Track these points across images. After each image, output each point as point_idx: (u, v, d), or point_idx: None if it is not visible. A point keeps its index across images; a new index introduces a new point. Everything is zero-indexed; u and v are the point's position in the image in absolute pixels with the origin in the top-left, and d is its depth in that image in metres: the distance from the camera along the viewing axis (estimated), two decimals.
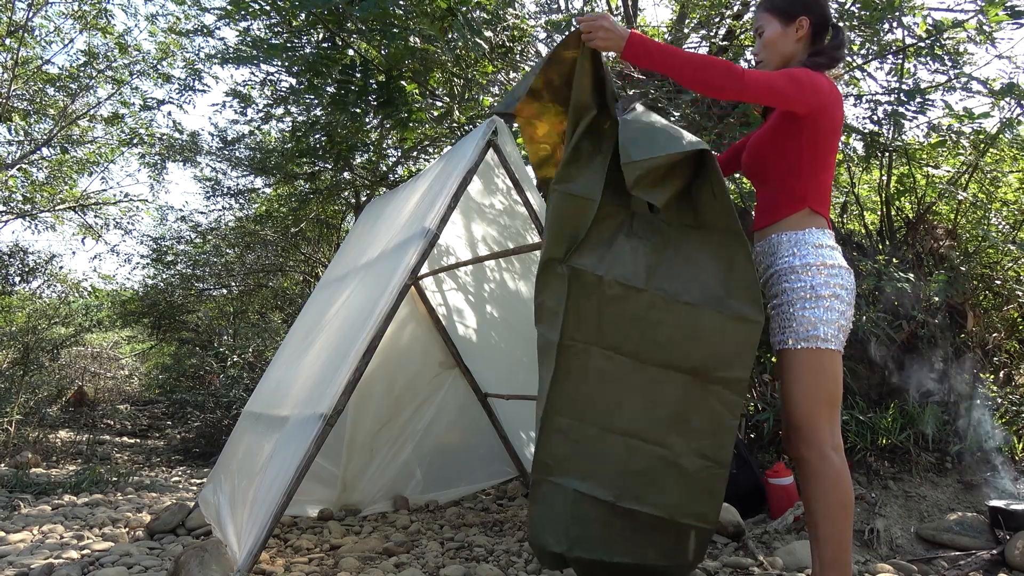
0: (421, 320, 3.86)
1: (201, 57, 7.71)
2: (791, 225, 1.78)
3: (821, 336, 1.68)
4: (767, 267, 1.84)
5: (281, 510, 2.18)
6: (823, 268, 1.71)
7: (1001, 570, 2.47)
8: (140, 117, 8.63)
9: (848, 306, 1.74)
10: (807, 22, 1.83)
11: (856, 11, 3.75)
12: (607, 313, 1.79)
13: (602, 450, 1.82)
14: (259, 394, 3.48)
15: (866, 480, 3.22)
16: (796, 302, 1.71)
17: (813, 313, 1.68)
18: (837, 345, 1.71)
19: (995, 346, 4.17)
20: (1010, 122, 4.04)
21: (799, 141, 1.75)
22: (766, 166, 1.85)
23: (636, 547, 1.82)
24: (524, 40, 4.44)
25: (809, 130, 1.74)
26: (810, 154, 1.76)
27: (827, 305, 1.68)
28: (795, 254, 1.74)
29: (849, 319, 1.75)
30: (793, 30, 1.85)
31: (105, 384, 9.75)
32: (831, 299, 1.69)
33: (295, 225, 8.41)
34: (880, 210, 4.68)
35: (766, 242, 1.84)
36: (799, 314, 1.70)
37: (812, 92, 1.69)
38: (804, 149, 1.75)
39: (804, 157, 1.76)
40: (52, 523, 3.31)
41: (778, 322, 1.78)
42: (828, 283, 1.70)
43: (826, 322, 1.68)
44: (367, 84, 4.11)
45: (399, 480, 3.81)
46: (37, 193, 8.48)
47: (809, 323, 1.69)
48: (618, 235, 1.84)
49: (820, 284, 1.69)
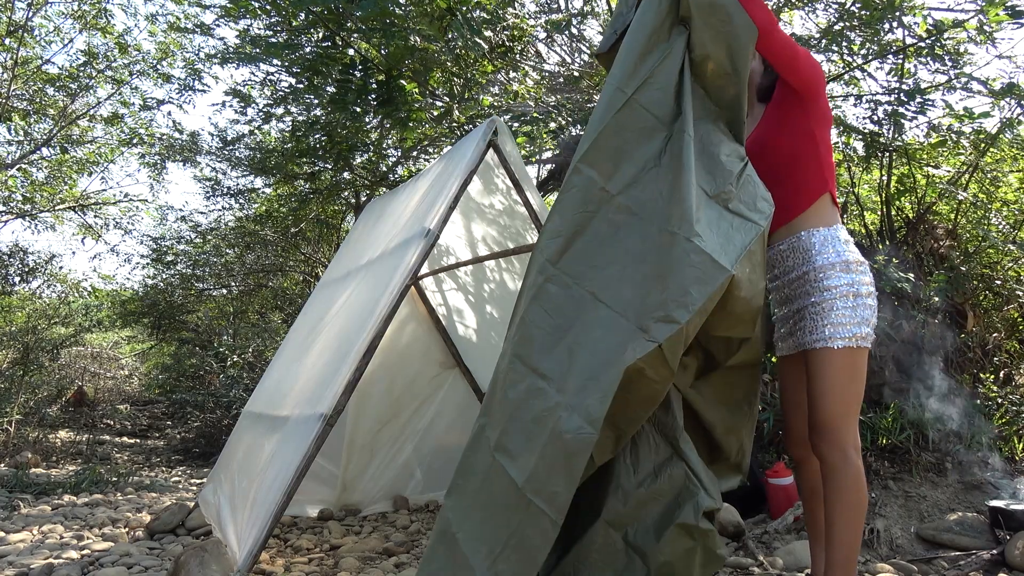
0: (421, 320, 3.86)
1: (201, 57, 7.72)
2: (819, 219, 1.73)
3: (861, 335, 1.66)
4: (799, 265, 1.75)
5: (281, 510, 2.18)
6: (859, 265, 1.69)
7: (1001, 570, 2.47)
8: (140, 117, 8.64)
9: (876, 302, 1.72)
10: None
11: (856, 11, 3.75)
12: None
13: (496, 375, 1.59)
14: (259, 394, 3.48)
15: (866, 480, 3.22)
16: (839, 299, 1.67)
17: (855, 313, 1.66)
18: (871, 343, 1.69)
19: (995, 346, 4.16)
20: (1010, 122, 4.04)
21: (808, 119, 1.73)
22: (780, 157, 1.77)
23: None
24: (524, 40, 4.43)
25: (813, 105, 1.72)
26: (821, 131, 1.74)
27: (867, 304, 1.67)
28: (832, 251, 1.69)
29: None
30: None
31: (105, 384, 9.75)
32: (868, 297, 1.68)
33: (295, 225, 8.41)
34: (880, 210, 4.68)
35: (795, 239, 1.76)
36: (842, 312, 1.66)
37: (816, 64, 1.71)
38: (815, 127, 1.73)
39: (817, 135, 1.73)
40: (52, 523, 3.31)
41: (812, 321, 1.70)
42: (863, 280, 1.68)
43: (866, 321, 1.67)
44: (367, 84, 4.11)
45: (399, 480, 3.81)
46: (37, 193, 8.49)
47: (853, 322, 1.65)
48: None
49: (859, 282, 1.67)
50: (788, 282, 1.80)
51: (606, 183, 1.60)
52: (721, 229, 1.51)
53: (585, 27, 5.05)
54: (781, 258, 1.80)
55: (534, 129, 4.21)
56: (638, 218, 1.55)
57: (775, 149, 1.77)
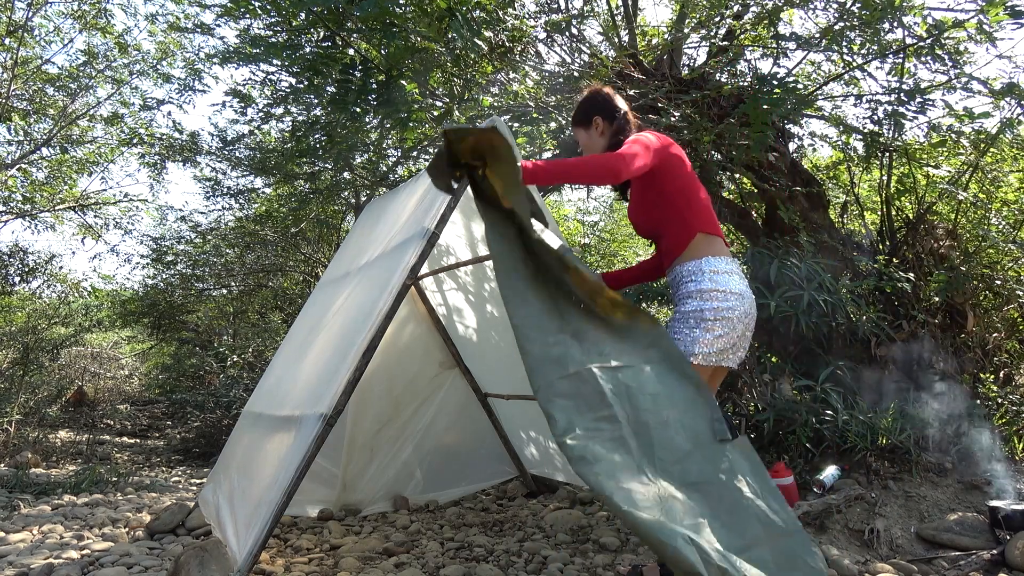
0: (421, 320, 3.86)
1: (201, 57, 7.72)
2: (691, 255, 2.04)
3: (693, 353, 1.92)
4: (674, 291, 2.09)
5: (281, 510, 2.17)
6: (713, 293, 1.96)
7: (1001, 570, 2.47)
8: (140, 117, 8.64)
9: (732, 328, 1.96)
10: (600, 119, 2.22)
11: (856, 11, 3.74)
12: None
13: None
14: (259, 394, 3.48)
15: (866, 480, 3.22)
16: (681, 322, 1.97)
17: (691, 333, 1.94)
18: (705, 361, 1.94)
19: (995, 346, 4.16)
20: (1010, 122, 4.03)
21: (664, 186, 2.07)
22: (654, 225, 2.15)
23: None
24: (524, 40, 4.43)
25: (664, 173, 2.05)
26: (677, 189, 2.07)
27: (709, 327, 1.93)
28: (692, 281, 1.99)
29: (736, 339, 1.99)
30: (594, 130, 2.24)
31: (105, 384, 9.75)
32: (714, 321, 1.94)
33: (295, 225, 8.41)
34: (880, 210, 4.68)
35: (673, 272, 2.10)
36: (682, 333, 1.95)
37: (655, 151, 2.00)
38: (670, 189, 2.07)
39: (675, 194, 2.07)
40: (52, 523, 3.31)
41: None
42: (711, 307, 1.94)
43: (702, 342, 1.93)
44: (367, 84, 4.10)
45: (399, 480, 3.81)
46: (37, 193, 8.48)
47: (686, 342, 1.93)
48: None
49: (706, 308, 1.94)
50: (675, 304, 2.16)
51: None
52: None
53: (585, 27, 5.05)
54: (671, 287, 2.13)
55: (534, 129, 4.21)
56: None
57: (647, 218, 2.17)
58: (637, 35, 4.83)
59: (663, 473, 1.44)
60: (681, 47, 4.86)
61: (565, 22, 4.47)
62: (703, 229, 2.06)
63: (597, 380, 1.52)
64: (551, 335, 1.59)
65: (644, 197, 2.15)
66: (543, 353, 1.52)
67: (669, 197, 2.07)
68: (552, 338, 1.58)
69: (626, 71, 4.32)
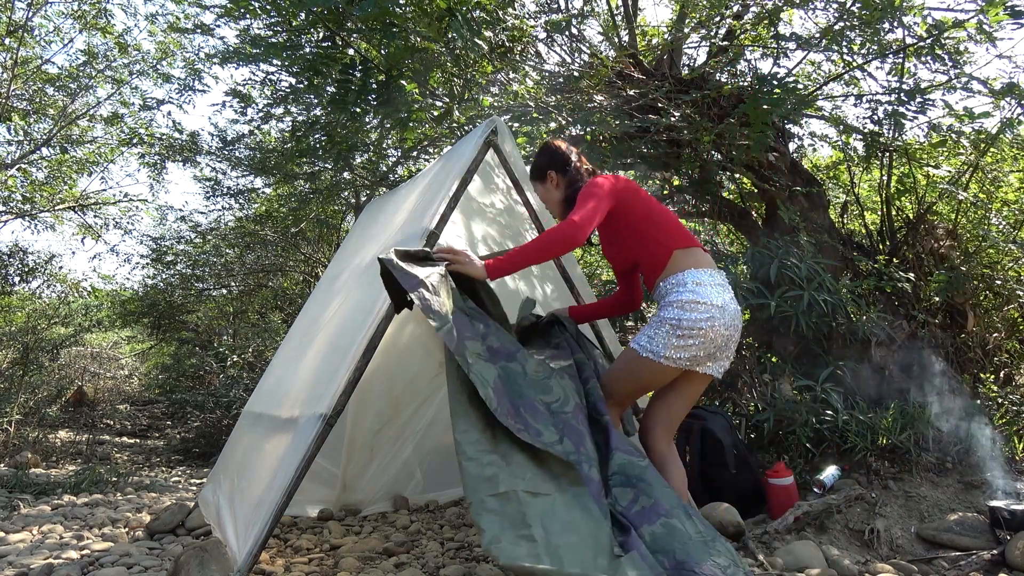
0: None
1: (201, 57, 7.72)
2: (671, 270, 2.12)
3: (651, 349, 2.04)
4: (659, 302, 2.16)
5: (281, 510, 2.17)
6: (692, 304, 2.01)
7: (1001, 570, 2.47)
8: (140, 117, 8.63)
9: (708, 340, 2.02)
10: (554, 173, 2.34)
11: (856, 11, 3.74)
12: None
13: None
14: (259, 394, 3.47)
15: (866, 480, 3.22)
16: (658, 322, 2.05)
17: (660, 331, 2.03)
18: (673, 364, 2.02)
19: (995, 346, 4.17)
20: (1010, 122, 4.03)
21: (628, 219, 2.18)
22: (629, 255, 2.28)
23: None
24: (524, 40, 4.43)
25: (623, 208, 2.15)
26: (641, 217, 2.18)
27: (683, 334, 2.00)
28: (675, 292, 2.06)
29: (714, 349, 2.04)
30: (550, 183, 2.36)
31: (105, 384, 9.74)
32: (688, 331, 2.00)
33: (295, 225, 8.41)
34: (880, 210, 4.68)
35: (657, 290, 2.18)
36: (653, 328, 2.06)
37: (607, 193, 2.11)
38: (635, 220, 2.18)
39: (640, 222, 2.18)
40: (52, 523, 3.31)
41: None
42: (689, 317, 2.00)
43: (672, 347, 2.01)
44: (367, 84, 4.10)
45: (399, 480, 3.81)
46: (37, 193, 8.48)
47: (654, 338, 2.04)
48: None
49: (683, 318, 2.01)
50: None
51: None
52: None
53: (585, 27, 5.05)
54: (656, 301, 2.20)
55: (534, 129, 4.21)
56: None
57: (621, 251, 2.30)
58: (637, 35, 4.83)
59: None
60: (681, 47, 4.86)
61: (565, 22, 4.47)
62: (678, 245, 2.15)
63: (520, 502, 1.68)
64: (486, 455, 1.74)
65: (613, 235, 2.27)
66: (478, 472, 1.69)
67: (636, 226, 2.18)
68: (486, 458, 1.74)
69: (626, 71, 4.32)
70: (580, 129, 4.21)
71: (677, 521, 1.77)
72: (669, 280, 2.10)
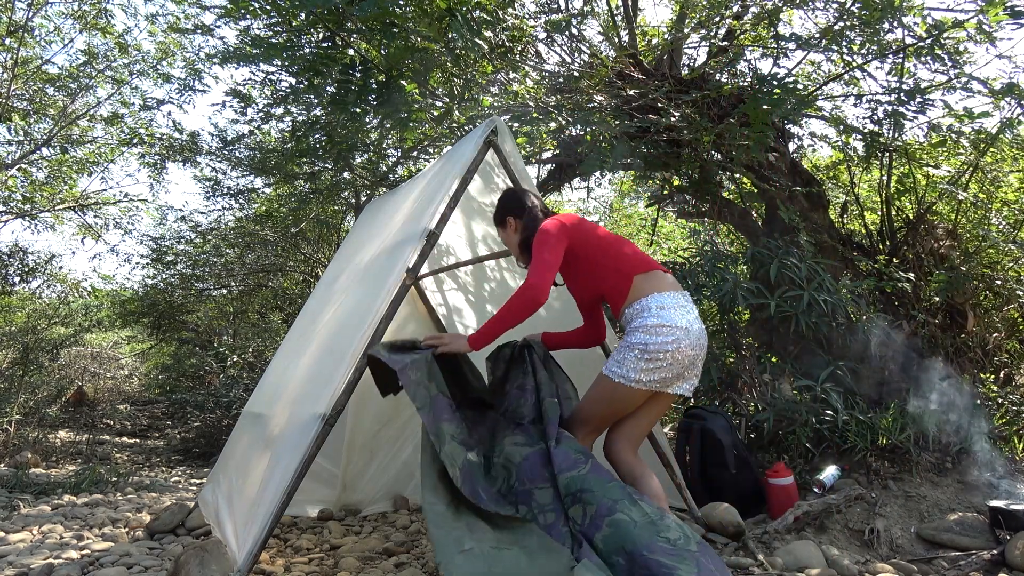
0: (421, 320, 3.86)
1: (201, 57, 7.71)
2: (635, 296, 2.20)
3: (622, 374, 2.13)
4: (625, 329, 2.25)
5: (281, 510, 2.17)
6: (657, 327, 2.10)
7: (1001, 570, 2.47)
8: (140, 117, 8.62)
9: (675, 361, 2.10)
10: (512, 218, 2.45)
11: (856, 11, 3.74)
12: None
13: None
14: (259, 394, 3.47)
15: (866, 480, 3.22)
16: (626, 348, 2.13)
17: (627, 356, 2.12)
18: (645, 386, 2.11)
19: (995, 346, 4.17)
20: (1010, 122, 4.04)
21: (585, 254, 2.27)
22: (593, 288, 2.35)
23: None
24: (524, 40, 4.43)
25: (579, 245, 2.26)
26: (597, 251, 2.27)
27: (648, 357, 2.09)
28: (639, 318, 2.14)
29: (681, 369, 2.13)
30: (510, 228, 2.47)
31: (105, 384, 9.74)
32: (655, 353, 2.08)
33: (295, 225, 8.41)
34: (880, 210, 4.68)
35: (623, 317, 2.26)
36: (621, 354, 2.14)
37: (556, 236, 2.20)
38: (591, 253, 2.27)
39: (597, 255, 2.27)
40: (52, 523, 3.31)
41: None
42: (655, 341, 2.09)
43: (642, 371, 2.10)
44: (367, 84, 4.10)
45: (399, 480, 3.81)
46: (37, 193, 8.48)
47: (623, 364, 2.13)
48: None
49: (648, 341, 2.09)
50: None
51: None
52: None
53: (585, 27, 5.05)
54: (623, 327, 2.28)
55: (534, 129, 4.20)
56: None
57: (585, 286, 2.36)
58: (637, 35, 4.83)
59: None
60: (681, 47, 4.86)
61: (565, 22, 4.48)
62: (638, 271, 2.23)
63: (487, 556, 1.78)
64: (450, 521, 1.87)
65: (574, 272, 2.35)
66: (446, 535, 1.80)
67: (594, 259, 2.27)
68: (451, 523, 1.86)
69: (626, 71, 4.32)
70: (580, 129, 4.21)
71: (621, 513, 1.84)
72: (633, 306, 2.18)
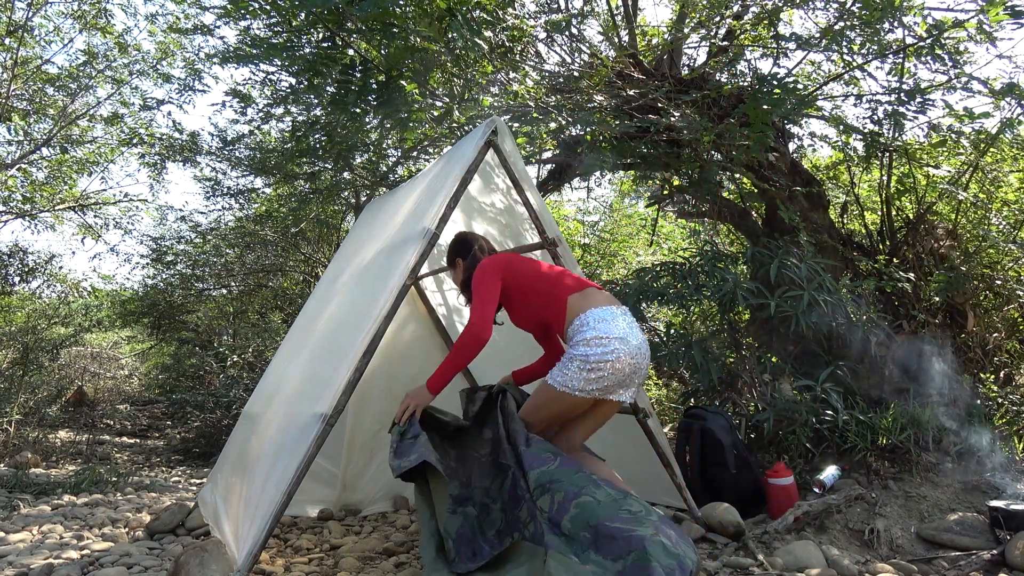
0: (421, 320, 3.86)
1: (201, 57, 7.71)
2: (572, 314, 2.35)
3: (563, 383, 2.27)
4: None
5: (281, 510, 2.17)
6: (596, 339, 2.24)
7: (1001, 570, 2.47)
8: (140, 117, 8.62)
9: (615, 370, 2.24)
10: (459, 260, 2.65)
11: (856, 10, 3.74)
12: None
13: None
14: (259, 394, 3.47)
15: (866, 480, 3.22)
16: (568, 359, 2.28)
17: (569, 367, 2.27)
18: (584, 394, 2.25)
19: (995, 346, 4.17)
20: (1010, 122, 4.04)
21: (519, 287, 2.45)
22: (535, 317, 2.49)
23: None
24: (524, 40, 4.43)
25: (511, 280, 2.44)
26: (529, 281, 2.45)
27: (589, 367, 2.23)
28: (580, 333, 2.29)
29: (622, 378, 2.27)
30: (458, 268, 2.66)
31: (105, 384, 9.74)
32: (596, 364, 2.22)
33: (295, 225, 8.41)
34: (880, 210, 4.68)
35: (567, 336, 2.40)
36: (564, 365, 2.28)
37: (490, 274, 2.40)
38: (523, 285, 2.45)
39: (530, 285, 2.45)
40: (52, 523, 3.31)
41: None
42: (595, 352, 2.22)
43: (583, 380, 2.24)
44: (367, 84, 4.10)
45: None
46: (37, 193, 8.48)
47: (565, 374, 2.27)
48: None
49: (588, 353, 2.23)
50: None
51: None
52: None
53: (585, 27, 5.05)
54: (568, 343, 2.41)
55: (534, 129, 4.20)
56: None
57: (527, 316, 2.51)
58: (637, 35, 4.83)
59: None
60: (681, 47, 4.86)
61: (565, 22, 4.48)
62: (571, 291, 2.39)
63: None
64: (442, 564, 2.02)
65: (514, 306, 2.51)
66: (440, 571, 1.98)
67: (528, 290, 2.44)
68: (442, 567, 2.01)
69: (626, 71, 4.32)
70: (580, 129, 4.21)
71: (587, 496, 1.99)
72: (573, 324, 2.33)
